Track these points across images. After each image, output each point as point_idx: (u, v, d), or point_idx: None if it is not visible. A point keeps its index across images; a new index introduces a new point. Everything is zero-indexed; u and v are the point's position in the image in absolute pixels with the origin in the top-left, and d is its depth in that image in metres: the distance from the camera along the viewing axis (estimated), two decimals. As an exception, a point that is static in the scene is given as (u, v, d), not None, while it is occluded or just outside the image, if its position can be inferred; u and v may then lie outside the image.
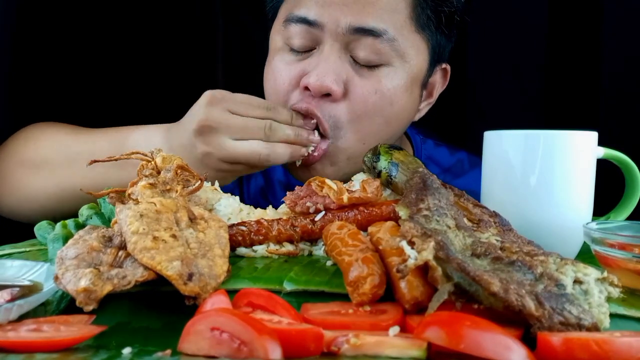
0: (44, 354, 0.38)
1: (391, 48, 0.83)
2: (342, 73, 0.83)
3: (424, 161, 1.09)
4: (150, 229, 0.49)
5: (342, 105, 0.84)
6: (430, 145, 1.10)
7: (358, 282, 0.46)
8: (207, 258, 0.49)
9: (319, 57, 0.84)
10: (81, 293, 0.42)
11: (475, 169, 1.06)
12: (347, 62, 0.84)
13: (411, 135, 1.10)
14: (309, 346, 0.38)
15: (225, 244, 0.53)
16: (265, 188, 1.10)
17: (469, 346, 0.36)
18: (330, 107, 0.84)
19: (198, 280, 0.45)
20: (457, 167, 1.09)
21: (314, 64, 0.84)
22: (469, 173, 1.08)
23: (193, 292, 0.44)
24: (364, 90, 0.84)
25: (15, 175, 0.91)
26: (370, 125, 0.86)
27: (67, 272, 0.45)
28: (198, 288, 0.44)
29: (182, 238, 0.50)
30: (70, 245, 0.50)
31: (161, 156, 0.66)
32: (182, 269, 0.45)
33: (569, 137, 0.62)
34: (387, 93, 0.85)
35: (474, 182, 1.07)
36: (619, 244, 0.53)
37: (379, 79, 0.84)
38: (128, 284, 0.45)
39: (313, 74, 0.82)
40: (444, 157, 1.10)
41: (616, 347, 0.36)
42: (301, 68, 0.85)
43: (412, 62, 0.87)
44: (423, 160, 1.08)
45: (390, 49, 0.83)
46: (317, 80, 0.81)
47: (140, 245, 0.47)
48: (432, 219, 0.50)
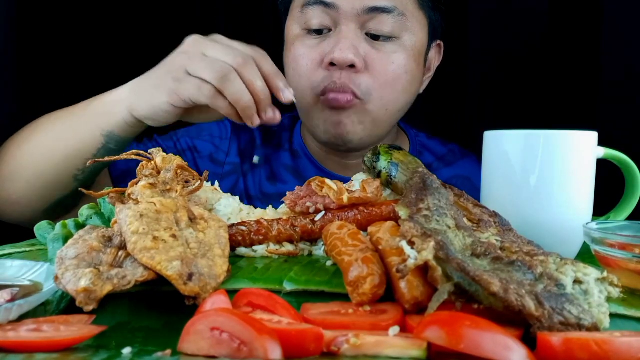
0: (43, 354, 0.38)
1: (401, 23, 0.93)
2: (360, 48, 0.91)
3: (419, 150, 1.13)
4: (150, 229, 0.49)
5: (365, 76, 0.92)
6: (423, 137, 1.18)
7: (358, 282, 0.46)
8: (207, 258, 0.49)
9: (338, 37, 0.91)
10: (81, 293, 0.42)
11: (466, 158, 1.16)
12: (363, 40, 0.92)
13: (405, 128, 1.18)
14: (309, 346, 0.38)
15: (225, 244, 0.53)
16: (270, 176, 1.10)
17: (468, 346, 0.36)
18: (356, 77, 0.91)
19: (198, 280, 0.45)
20: (449, 156, 1.15)
21: (334, 43, 0.91)
22: (460, 161, 1.15)
23: (193, 292, 0.44)
24: (382, 61, 0.92)
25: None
26: (392, 92, 0.95)
27: (67, 272, 0.45)
28: (198, 288, 0.44)
29: (182, 238, 0.50)
30: (70, 245, 0.49)
31: (161, 156, 0.66)
32: (182, 269, 0.45)
33: (569, 137, 0.62)
34: (401, 62, 0.94)
35: (466, 170, 1.12)
36: (619, 244, 0.53)
37: (393, 51, 0.93)
38: (128, 284, 0.45)
39: (336, 49, 0.89)
40: (437, 147, 1.17)
41: (616, 347, 0.36)
42: (322, 49, 0.93)
43: (418, 36, 0.96)
44: (418, 149, 1.14)
45: (400, 23, 0.93)
46: (341, 54, 0.89)
47: (140, 246, 0.47)
48: (432, 219, 0.50)
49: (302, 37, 0.96)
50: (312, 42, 0.94)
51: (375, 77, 0.92)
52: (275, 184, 1.10)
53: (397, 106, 0.97)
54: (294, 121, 1.17)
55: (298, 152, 1.12)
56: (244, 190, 1.09)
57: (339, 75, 0.91)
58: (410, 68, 0.95)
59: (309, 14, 0.93)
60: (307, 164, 1.10)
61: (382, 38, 0.93)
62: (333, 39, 0.92)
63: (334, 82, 0.91)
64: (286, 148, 1.13)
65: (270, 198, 1.07)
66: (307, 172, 1.09)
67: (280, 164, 1.11)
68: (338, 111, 0.93)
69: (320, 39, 0.94)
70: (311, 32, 0.95)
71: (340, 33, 0.91)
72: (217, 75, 0.75)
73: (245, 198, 1.09)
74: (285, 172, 1.11)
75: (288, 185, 1.06)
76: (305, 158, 1.10)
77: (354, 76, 0.91)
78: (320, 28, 0.93)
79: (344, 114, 0.94)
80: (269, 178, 1.10)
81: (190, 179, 0.64)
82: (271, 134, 1.15)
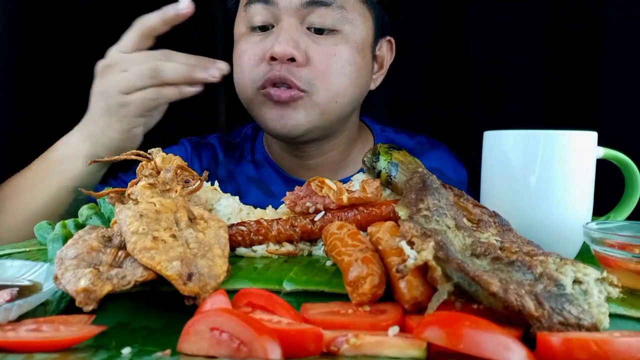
0: (43, 354, 0.38)
1: (341, 15, 0.94)
2: (300, 42, 0.92)
3: None
4: (149, 229, 0.49)
5: (307, 69, 0.93)
6: (390, 132, 1.18)
7: (358, 282, 0.46)
8: (207, 258, 0.49)
9: (278, 31, 0.93)
10: (81, 293, 0.42)
11: (435, 150, 1.16)
12: (304, 34, 0.93)
13: (370, 124, 1.18)
14: (309, 346, 0.38)
15: (224, 244, 0.53)
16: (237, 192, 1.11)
17: (468, 346, 0.36)
18: (297, 71, 0.92)
19: (198, 280, 0.45)
20: (417, 148, 1.15)
21: (275, 38, 0.92)
22: (429, 153, 1.15)
23: (193, 292, 0.44)
24: (323, 53, 0.93)
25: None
26: (339, 83, 0.95)
27: (66, 272, 0.45)
28: (198, 288, 0.44)
29: (182, 238, 0.50)
30: (69, 245, 0.49)
31: (161, 156, 0.66)
32: (182, 269, 0.45)
33: (569, 137, 0.62)
34: (343, 54, 0.95)
35: (435, 161, 1.11)
36: (619, 244, 0.53)
37: (334, 43, 0.94)
38: (128, 284, 0.45)
39: (276, 44, 0.91)
40: (404, 141, 1.16)
41: (616, 347, 0.36)
42: (264, 45, 0.94)
43: (360, 28, 0.97)
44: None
45: (340, 16, 0.94)
46: (279, 47, 0.90)
47: (140, 246, 0.47)
48: (432, 219, 0.50)
49: (247, 35, 0.97)
50: (255, 38, 0.96)
51: (317, 70, 0.93)
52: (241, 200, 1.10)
53: (347, 99, 0.97)
54: (256, 131, 1.17)
55: (261, 161, 1.12)
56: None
57: (279, 68, 0.91)
58: (354, 60, 0.96)
59: (251, 11, 0.95)
60: (270, 172, 1.11)
61: (325, 32, 0.94)
62: (275, 34, 0.93)
63: (273, 74, 0.91)
64: (249, 159, 1.14)
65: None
66: (271, 181, 1.10)
67: (244, 177, 1.12)
68: (282, 105, 0.94)
69: (264, 35, 0.95)
70: (255, 29, 0.96)
71: (281, 28, 0.92)
72: (148, 74, 0.81)
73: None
74: (249, 185, 1.11)
75: (251, 198, 1.07)
76: (268, 166, 1.11)
77: (295, 69, 0.92)
78: (264, 24, 0.95)
79: (289, 108, 0.94)
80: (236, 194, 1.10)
81: (190, 179, 0.64)
82: (233, 146, 1.16)
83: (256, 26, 0.96)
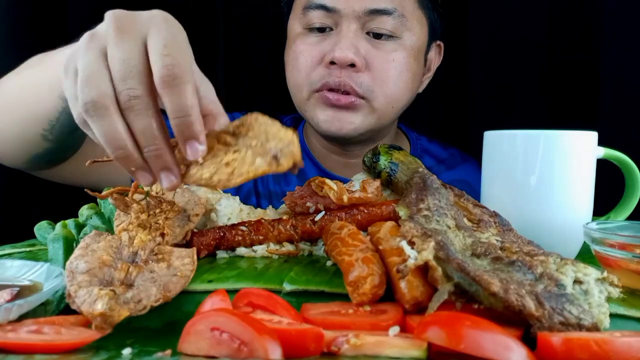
0: (43, 355, 0.38)
1: (401, 23, 0.94)
2: (360, 48, 0.92)
3: (420, 154, 1.13)
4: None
5: (366, 74, 0.93)
6: (424, 140, 1.19)
7: (358, 282, 0.46)
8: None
9: (338, 36, 0.93)
10: (97, 317, 0.42)
11: (466, 163, 1.18)
12: (363, 39, 0.93)
13: (407, 131, 1.19)
14: (309, 346, 0.38)
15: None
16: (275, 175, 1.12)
17: (469, 346, 0.36)
18: (356, 77, 0.92)
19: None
20: (450, 160, 1.17)
21: (334, 42, 0.92)
22: (461, 165, 1.16)
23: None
24: (382, 59, 0.94)
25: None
26: (396, 89, 0.96)
27: (80, 290, 0.44)
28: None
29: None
30: (79, 257, 0.48)
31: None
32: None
33: (569, 137, 0.62)
34: (402, 60, 0.95)
35: (466, 174, 1.13)
36: (619, 244, 0.53)
37: (393, 49, 0.95)
38: (143, 309, 0.44)
39: (337, 48, 0.90)
40: (438, 151, 1.18)
41: (616, 347, 0.36)
42: (322, 47, 0.94)
43: (417, 35, 0.98)
44: (419, 153, 1.14)
45: (400, 24, 0.94)
46: (341, 53, 0.90)
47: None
48: (432, 219, 0.50)
49: (304, 35, 0.97)
50: (313, 39, 0.96)
51: (375, 75, 0.93)
52: (279, 184, 1.11)
53: (402, 103, 0.99)
54: (296, 123, 1.17)
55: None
56: (253, 186, 1.11)
57: (338, 74, 0.91)
58: (411, 66, 0.97)
59: (310, 17, 0.95)
60: (308, 164, 1.11)
61: (383, 37, 0.94)
62: (334, 37, 0.93)
63: (332, 79, 0.92)
64: None
65: (276, 197, 1.09)
66: (309, 172, 1.10)
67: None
68: (339, 108, 0.94)
69: (322, 37, 0.95)
70: (313, 29, 0.96)
71: (341, 32, 0.92)
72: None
73: (254, 194, 1.11)
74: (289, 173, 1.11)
75: (291, 186, 1.08)
76: (307, 159, 1.11)
77: (354, 75, 0.92)
78: (322, 26, 0.95)
79: (346, 112, 0.94)
80: (275, 177, 1.11)
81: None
82: None
83: (314, 27, 0.96)
